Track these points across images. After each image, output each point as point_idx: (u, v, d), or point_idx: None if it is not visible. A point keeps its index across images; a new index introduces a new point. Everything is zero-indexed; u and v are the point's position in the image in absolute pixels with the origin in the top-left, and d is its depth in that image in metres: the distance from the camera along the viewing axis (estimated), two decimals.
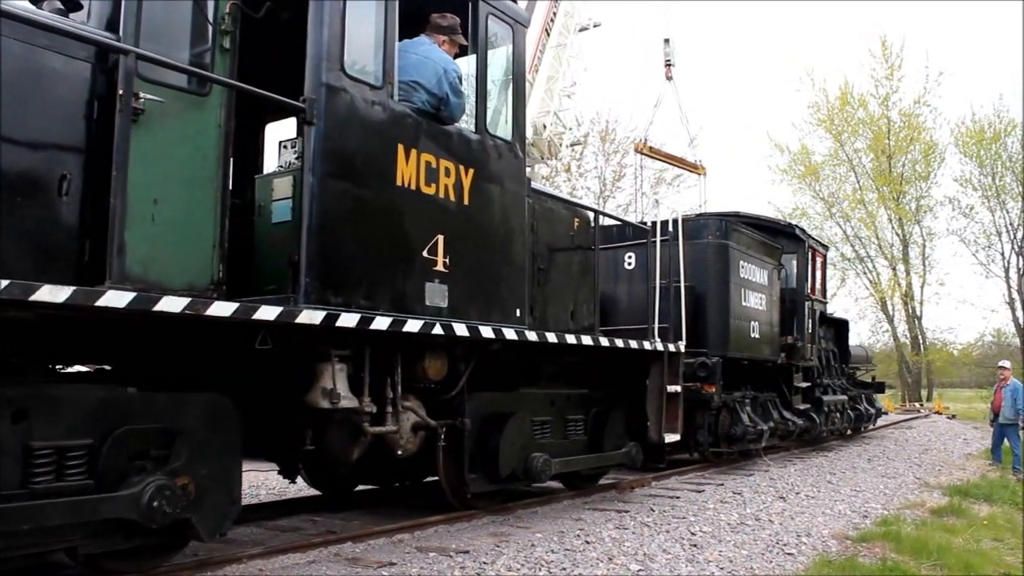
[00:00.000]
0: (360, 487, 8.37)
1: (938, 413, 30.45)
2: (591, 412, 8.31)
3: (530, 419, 7.34)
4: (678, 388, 8.81)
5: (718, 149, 59.20)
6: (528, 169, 18.33)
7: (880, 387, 20.47)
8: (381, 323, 5.33)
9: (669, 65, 18.76)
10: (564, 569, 5.40)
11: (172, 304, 4.21)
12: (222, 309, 4.45)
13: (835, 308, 33.70)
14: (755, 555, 6.11)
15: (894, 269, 38.71)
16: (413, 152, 5.71)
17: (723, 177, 53.65)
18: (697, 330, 10.94)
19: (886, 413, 22.34)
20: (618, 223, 11.52)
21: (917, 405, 35.40)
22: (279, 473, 6.99)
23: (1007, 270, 37.56)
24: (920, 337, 39.66)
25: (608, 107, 63.25)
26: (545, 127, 17.62)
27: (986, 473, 12.97)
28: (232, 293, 4.89)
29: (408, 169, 5.66)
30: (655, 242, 9.06)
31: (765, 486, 9.83)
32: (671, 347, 8.79)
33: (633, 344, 8.27)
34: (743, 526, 7.15)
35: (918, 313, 39.56)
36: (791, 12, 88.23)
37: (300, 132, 5.51)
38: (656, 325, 8.85)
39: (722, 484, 9.90)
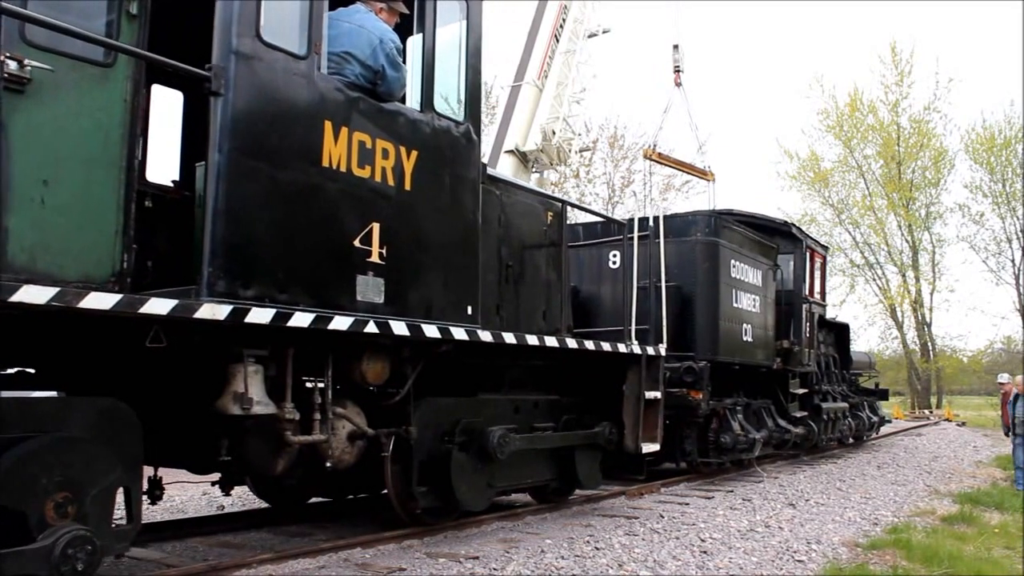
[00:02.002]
0: (315, 499, 7.82)
1: (948, 420, 30.01)
2: (562, 420, 7.69)
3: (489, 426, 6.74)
4: (658, 394, 8.18)
5: (727, 154, 58.65)
6: (536, 175, 17.96)
7: (884, 394, 19.77)
8: (301, 320, 4.75)
9: (678, 71, 18.35)
10: (574, 575, 5.38)
11: (33, 295, 3.65)
12: (100, 302, 3.89)
13: (845, 315, 33.28)
14: (765, 562, 6.05)
15: (904, 276, 38.48)
16: (343, 130, 5.13)
17: (732, 183, 53.13)
18: (684, 333, 10.37)
19: (890, 421, 21.67)
20: (601, 219, 10.97)
21: (927, 412, 34.85)
22: (213, 484, 6.42)
23: (1017, 277, 37.29)
24: (930, 344, 39.15)
25: (617, 113, 63.02)
26: (554, 133, 17.29)
27: (997, 481, 12.54)
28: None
29: (337, 149, 5.09)
30: (631, 239, 8.47)
31: (775, 493, 9.69)
32: (650, 350, 8.16)
33: (605, 346, 7.66)
34: (753, 533, 7.08)
35: (928, 320, 39.27)
36: (801, 17, 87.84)
37: None
38: (634, 327, 8.27)
39: (731, 491, 9.75)
